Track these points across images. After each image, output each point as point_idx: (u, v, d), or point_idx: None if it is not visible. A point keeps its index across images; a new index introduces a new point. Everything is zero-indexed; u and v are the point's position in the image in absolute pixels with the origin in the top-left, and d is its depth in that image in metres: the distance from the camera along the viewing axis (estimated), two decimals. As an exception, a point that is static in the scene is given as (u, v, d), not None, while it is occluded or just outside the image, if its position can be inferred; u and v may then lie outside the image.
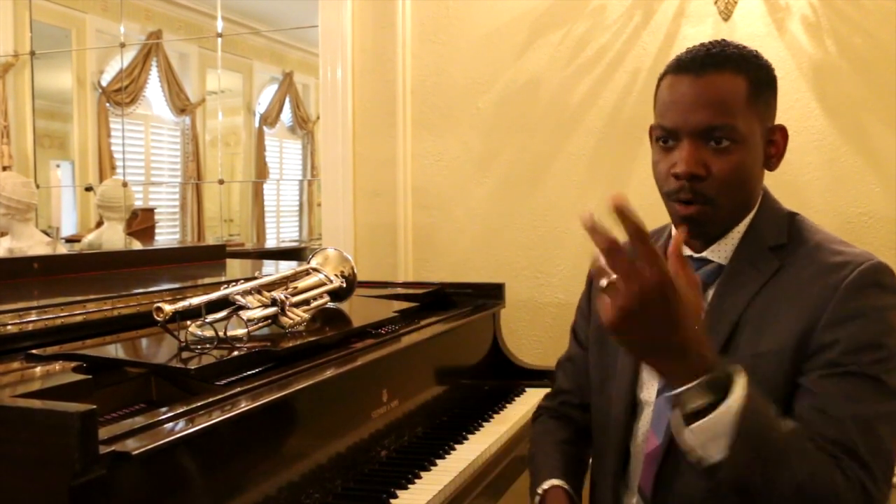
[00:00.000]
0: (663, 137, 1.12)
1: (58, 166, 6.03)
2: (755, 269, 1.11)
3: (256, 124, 7.22)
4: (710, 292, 1.14)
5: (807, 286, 1.06)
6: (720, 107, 1.07)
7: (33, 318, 1.33)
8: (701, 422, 0.89)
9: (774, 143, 1.15)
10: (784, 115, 2.29)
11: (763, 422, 0.91)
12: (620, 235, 0.89)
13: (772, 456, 0.91)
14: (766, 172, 1.18)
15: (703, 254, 1.16)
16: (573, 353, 1.40)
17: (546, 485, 1.24)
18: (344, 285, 1.70)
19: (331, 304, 1.66)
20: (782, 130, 1.16)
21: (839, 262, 1.06)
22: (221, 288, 1.39)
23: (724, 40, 1.14)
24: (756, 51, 1.14)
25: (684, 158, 1.08)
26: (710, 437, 0.89)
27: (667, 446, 1.11)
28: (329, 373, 1.31)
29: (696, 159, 1.07)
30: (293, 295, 1.48)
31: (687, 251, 1.19)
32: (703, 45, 1.13)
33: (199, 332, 1.30)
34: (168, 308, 1.22)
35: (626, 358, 1.21)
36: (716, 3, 2.35)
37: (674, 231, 1.23)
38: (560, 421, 1.38)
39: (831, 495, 0.95)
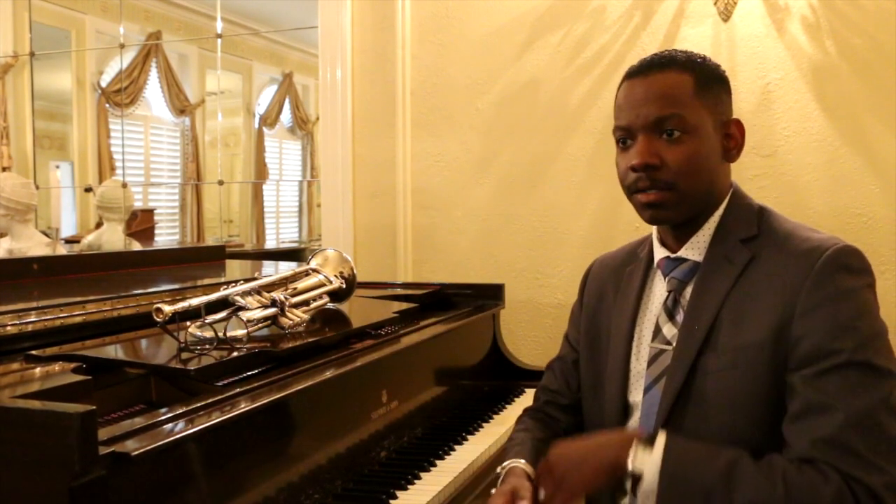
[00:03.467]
0: (621, 138, 1.19)
1: (57, 167, 6.03)
2: (728, 263, 1.14)
3: (256, 125, 7.23)
4: (689, 290, 1.17)
5: (779, 275, 1.09)
6: (667, 99, 1.14)
7: (33, 318, 1.33)
8: (639, 489, 1.02)
9: (732, 137, 1.19)
10: (784, 115, 2.32)
11: (687, 466, 1.01)
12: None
13: (700, 490, 0.99)
14: (767, 174, 1.20)
15: (679, 253, 1.20)
16: (563, 353, 1.42)
17: (507, 463, 1.25)
18: (343, 286, 1.70)
19: (330, 305, 1.66)
20: (738, 123, 1.20)
21: (808, 249, 1.09)
22: (221, 289, 1.39)
23: (674, 49, 1.22)
24: (705, 55, 1.21)
25: (639, 151, 1.14)
26: (647, 495, 1.01)
27: None
28: (329, 373, 1.31)
29: (650, 150, 1.14)
30: (293, 296, 1.48)
31: (663, 252, 1.22)
32: (653, 54, 1.22)
33: (199, 333, 1.30)
34: (168, 309, 1.22)
35: (616, 362, 1.23)
36: (715, 3, 2.35)
37: (654, 240, 1.25)
38: (541, 422, 1.38)
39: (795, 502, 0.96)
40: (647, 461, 1.01)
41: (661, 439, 1.02)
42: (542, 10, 2.54)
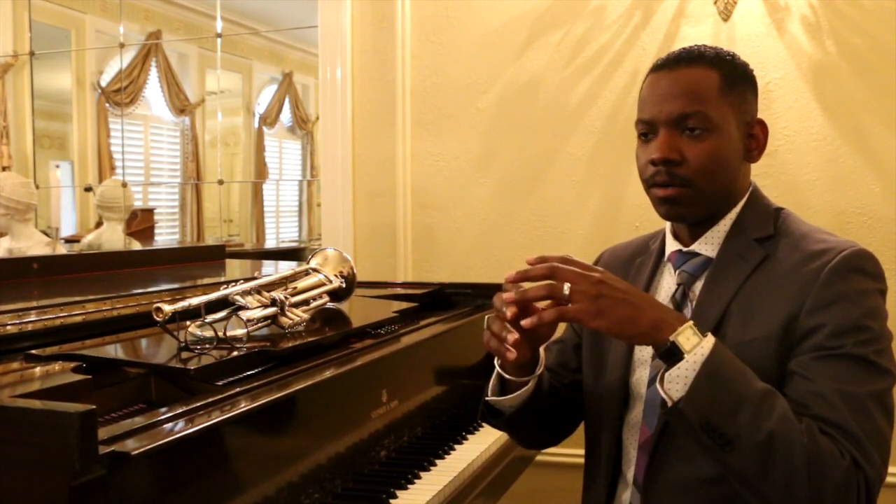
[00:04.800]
0: (643, 132, 1.18)
1: (57, 167, 6.03)
2: (742, 260, 1.14)
3: (256, 124, 7.22)
4: (699, 284, 1.17)
5: (791, 273, 1.09)
6: (692, 96, 1.13)
7: (33, 318, 1.33)
8: (674, 368, 0.98)
9: (754, 137, 1.19)
10: (784, 115, 2.32)
11: (729, 369, 0.99)
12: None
13: (734, 396, 0.97)
14: (767, 173, 1.20)
15: (692, 247, 1.20)
16: (565, 336, 1.41)
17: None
18: (343, 285, 1.70)
19: (330, 305, 1.66)
20: (762, 124, 1.20)
21: (822, 249, 1.09)
22: (221, 288, 1.39)
23: (704, 45, 1.21)
24: (734, 52, 1.21)
25: (659, 146, 1.14)
26: (680, 380, 0.98)
27: (658, 436, 1.13)
28: (329, 373, 1.31)
29: (671, 146, 1.13)
30: (293, 295, 1.48)
31: (676, 245, 1.22)
32: (682, 48, 1.22)
33: (199, 333, 1.30)
34: (167, 308, 1.22)
35: (618, 351, 1.23)
36: (715, 3, 2.35)
37: (667, 233, 1.25)
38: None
39: (815, 457, 0.96)
40: (695, 344, 0.98)
41: (710, 336, 1.00)
42: (542, 9, 2.54)
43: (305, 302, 1.51)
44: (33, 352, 1.20)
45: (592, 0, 2.49)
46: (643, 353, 1.20)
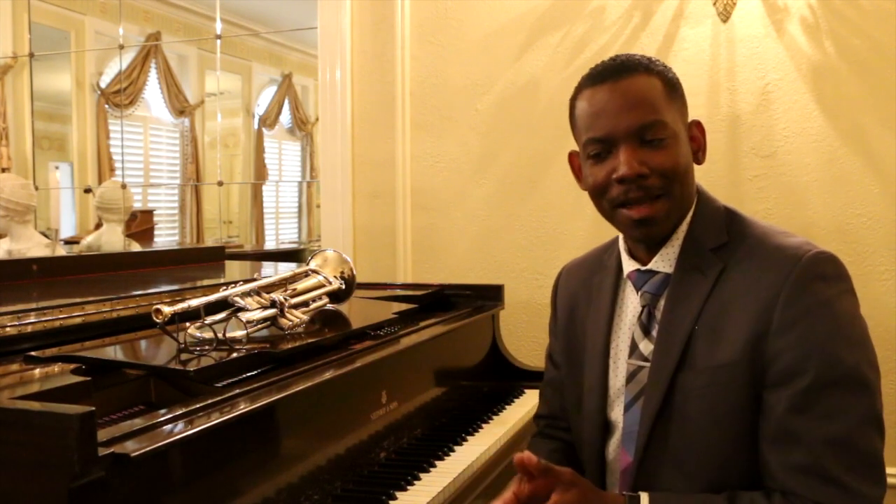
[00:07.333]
0: (595, 151, 1.12)
1: (57, 168, 6.03)
2: (700, 274, 1.10)
3: (255, 126, 7.23)
4: (661, 303, 1.14)
5: (752, 288, 1.06)
6: (646, 105, 1.09)
7: (32, 319, 1.33)
8: None
9: (695, 139, 1.16)
10: (783, 116, 2.32)
11: None
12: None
13: None
14: (766, 174, 1.18)
15: (650, 265, 1.16)
16: (549, 375, 1.39)
17: None
18: (343, 287, 1.70)
19: (330, 306, 1.66)
20: (698, 125, 1.17)
21: (781, 258, 1.06)
22: (220, 290, 1.39)
23: (627, 54, 1.16)
24: (656, 58, 1.17)
25: (625, 161, 1.08)
26: None
27: (638, 462, 1.11)
28: (328, 374, 1.31)
29: (637, 159, 1.08)
30: (292, 296, 1.48)
31: (633, 264, 1.19)
32: (608, 59, 1.16)
33: (199, 334, 1.30)
34: (167, 310, 1.22)
35: (593, 378, 1.21)
36: (714, 4, 2.36)
37: (622, 251, 1.22)
38: (548, 438, 1.37)
39: None
40: None
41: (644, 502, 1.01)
42: (542, 10, 2.54)
43: (305, 303, 1.51)
44: (33, 353, 1.20)
45: (592, 1, 2.49)
46: (616, 382, 1.19)
